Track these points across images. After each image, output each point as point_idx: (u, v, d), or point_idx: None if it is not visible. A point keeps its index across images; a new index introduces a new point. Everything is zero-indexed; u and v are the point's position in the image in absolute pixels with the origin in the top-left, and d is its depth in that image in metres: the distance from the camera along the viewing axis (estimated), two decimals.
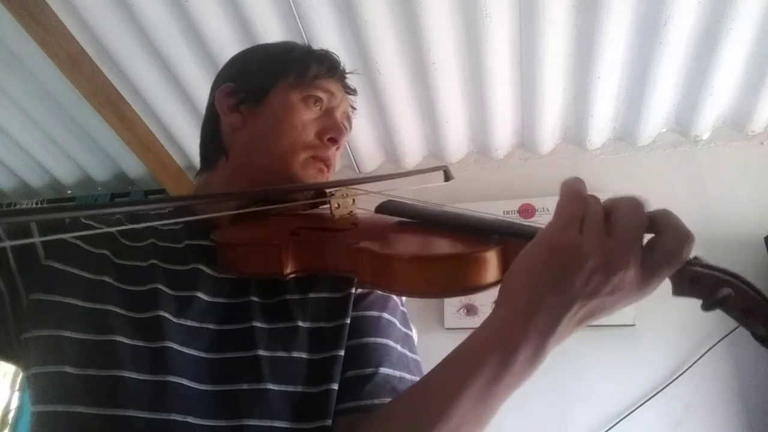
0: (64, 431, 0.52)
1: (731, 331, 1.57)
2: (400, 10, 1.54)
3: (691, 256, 0.43)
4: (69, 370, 0.53)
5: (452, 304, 1.89)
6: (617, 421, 1.62)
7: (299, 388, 0.58)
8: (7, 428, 2.12)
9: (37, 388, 0.55)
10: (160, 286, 0.61)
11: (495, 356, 0.45)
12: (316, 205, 0.71)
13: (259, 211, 0.71)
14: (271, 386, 0.57)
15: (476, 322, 1.74)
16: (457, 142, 2.07)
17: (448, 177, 0.76)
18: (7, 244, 0.59)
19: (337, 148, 0.75)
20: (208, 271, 0.65)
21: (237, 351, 0.59)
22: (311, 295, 0.66)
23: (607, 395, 1.63)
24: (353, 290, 0.68)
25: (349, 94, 0.81)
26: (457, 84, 1.80)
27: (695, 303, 0.44)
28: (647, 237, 0.43)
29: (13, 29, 1.64)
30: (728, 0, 1.43)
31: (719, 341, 1.60)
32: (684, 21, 1.50)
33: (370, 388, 0.60)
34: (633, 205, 0.43)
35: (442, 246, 0.53)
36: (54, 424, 0.53)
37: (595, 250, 0.41)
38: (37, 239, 0.61)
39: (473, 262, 0.49)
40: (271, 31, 1.61)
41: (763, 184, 1.81)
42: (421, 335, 1.92)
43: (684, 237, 0.42)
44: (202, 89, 1.84)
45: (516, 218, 1.95)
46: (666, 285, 0.45)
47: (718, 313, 0.44)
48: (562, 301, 0.42)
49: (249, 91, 0.74)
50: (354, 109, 0.82)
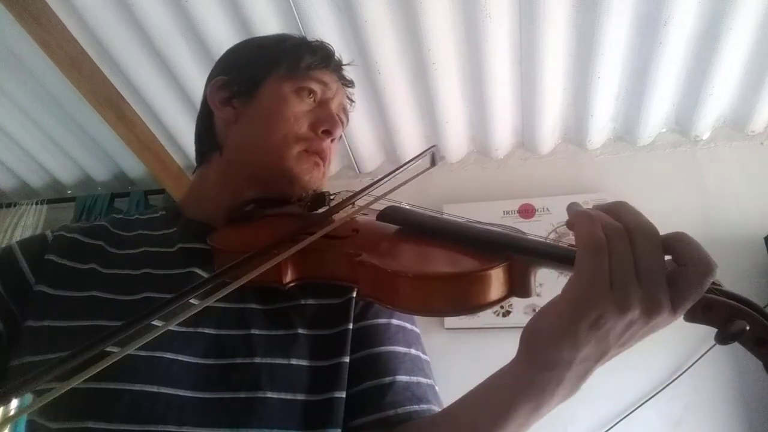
0: None
1: None
2: (400, 10, 1.54)
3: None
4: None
5: None
6: (617, 421, 1.62)
7: (300, 396, 0.57)
8: (7, 428, 2.12)
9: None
10: (152, 295, 0.60)
11: (530, 403, 0.46)
12: (314, 208, 0.68)
13: (255, 213, 0.70)
14: (269, 394, 0.56)
15: (476, 322, 1.74)
16: (457, 142, 2.07)
17: (434, 161, 0.71)
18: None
19: (332, 140, 0.73)
20: (205, 274, 0.64)
21: (235, 357, 0.58)
22: (311, 302, 0.65)
23: (607, 395, 1.63)
24: (354, 295, 0.67)
25: (346, 86, 0.78)
26: (457, 84, 1.80)
27: None
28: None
29: (13, 29, 1.63)
30: (728, 0, 1.43)
31: None
32: (684, 21, 1.50)
33: (391, 398, 0.60)
34: (654, 242, 0.40)
35: (448, 262, 0.50)
36: None
37: (633, 304, 0.39)
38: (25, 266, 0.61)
39: (479, 281, 0.46)
40: (271, 31, 1.58)
41: (763, 184, 1.81)
42: (422, 335, 1.92)
43: (707, 270, 0.40)
44: (201, 89, 1.83)
45: (516, 218, 1.95)
46: None
47: None
48: (597, 356, 0.42)
49: (241, 84, 0.72)
50: (352, 101, 0.80)
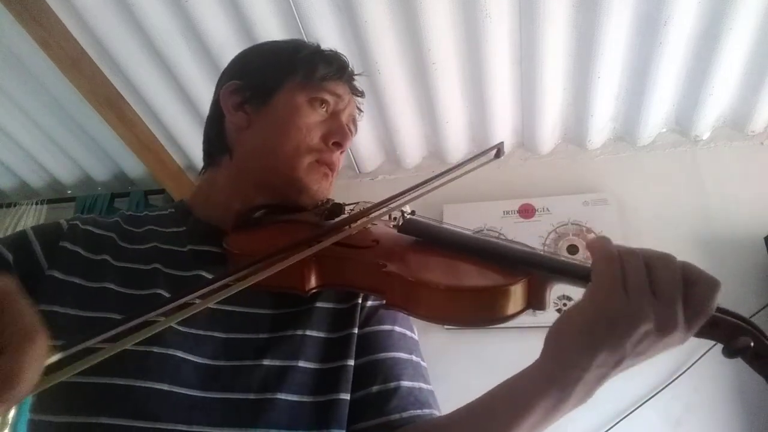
0: None
1: None
2: (400, 10, 1.54)
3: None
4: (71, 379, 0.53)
5: None
6: (617, 421, 1.62)
7: (306, 398, 0.58)
8: (7, 428, 2.12)
9: (35, 397, 0.54)
10: (162, 292, 0.60)
11: (547, 403, 0.49)
12: (331, 217, 0.68)
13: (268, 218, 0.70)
14: (278, 396, 0.57)
15: None
16: (457, 142, 2.07)
17: (499, 154, 0.75)
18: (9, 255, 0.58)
19: (342, 152, 0.75)
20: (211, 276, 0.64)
21: (244, 360, 0.59)
22: (318, 305, 0.66)
23: (607, 395, 1.63)
24: (359, 300, 0.68)
25: (357, 96, 0.79)
26: (457, 84, 1.80)
27: None
28: None
29: (13, 29, 1.63)
30: (728, 0, 1.43)
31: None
32: (684, 21, 1.50)
33: (396, 403, 0.61)
34: (671, 263, 0.44)
35: (475, 276, 0.53)
36: None
37: (648, 315, 0.42)
38: (38, 249, 0.61)
39: (505, 295, 0.49)
40: (271, 31, 1.60)
41: (763, 184, 1.81)
42: (422, 335, 1.91)
43: (714, 287, 0.43)
44: (202, 89, 1.84)
45: (516, 218, 1.95)
46: None
47: None
48: (614, 362, 0.45)
49: (254, 90, 0.72)
50: (360, 111, 0.81)
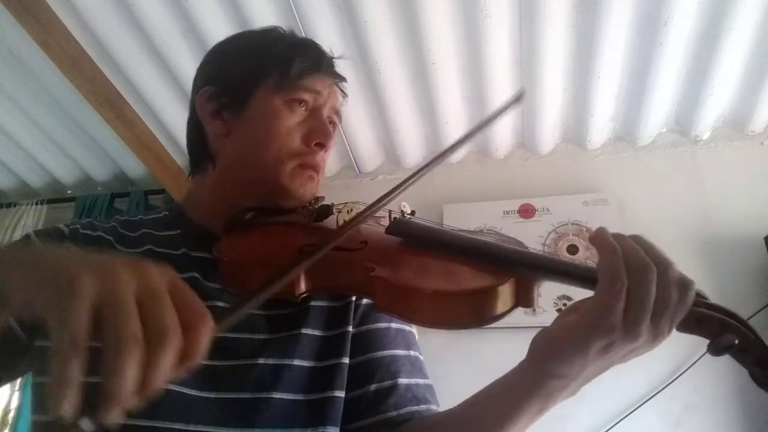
0: None
1: None
2: (400, 10, 1.54)
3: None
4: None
5: None
6: (617, 421, 1.62)
7: (301, 396, 0.58)
8: (7, 428, 2.12)
9: (37, 397, 0.55)
10: None
11: (536, 404, 0.49)
12: (320, 219, 0.67)
13: (257, 220, 0.70)
14: (273, 395, 0.57)
15: None
16: None
17: (519, 98, 0.72)
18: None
19: (326, 151, 0.72)
20: (206, 282, 0.64)
21: (239, 359, 0.59)
22: (312, 304, 0.66)
23: (607, 395, 1.63)
24: (353, 298, 0.68)
25: (338, 81, 0.75)
26: (457, 84, 1.80)
27: None
28: None
29: (13, 29, 1.63)
30: (728, 0, 1.43)
31: None
32: (684, 21, 1.50)
33: (394, 400, 0.61)
34: (677, 281, 0.43)
35: (461, 279, 0.52)
36: None
37: (641, 335, 0.42)
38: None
39: (492, 297, 0.49)
40: None
41: (763, 184, 1.81)
42: (422, 335, 1.91)
43: (690, 285, 0.43)
44: None
45: (516, 218, 1.94)
46: None
47: None
48: (600, 369, 0.46)
49: (230, 96, 0.70)
50: (345, 94, 0.78)
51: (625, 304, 0.41)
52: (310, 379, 0.60)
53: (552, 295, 1.71)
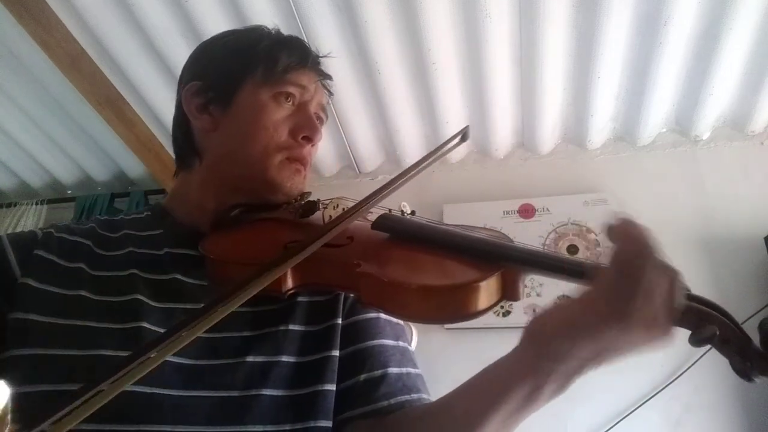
0: None
1: None
2: (400, 10, 1.54)
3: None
4: (46, 388, 0.51)
5: None
6: (617, 421, 1.62)
7: (290, 392, 0.58)
8: (7, 428, 2.12)
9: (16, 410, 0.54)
10: (142, 297, 0.60)
11: (524, 389, 0.48)
12: (306, 215, 0.67)
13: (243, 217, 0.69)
14: (262, 392, 0.57)
15: (476, 322, 1.72)
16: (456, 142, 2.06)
17: (464, 137, 0.72)
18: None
19: (312, 145, 0.72)
20: (189, 280, 0.64)
21: (226, 358, 0.58)
22: (299, 299, 0.66)
23: (607, 395, 1.63)
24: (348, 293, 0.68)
25: (324, 79, 0.75)
26: (457, 84, 1.80)
27: None
28: None
29: (13, 29, 1.64)
30: (728, 0, 1.43)
31: None
32: (684, 21, 1.50)
33: (384, 390, 0.61)
34: (659, 268, 0.42)
35: (447, 273, 0.52)
36: None
37: (643, 322, 0.41)
38: (11, 255, 0.59)
39: (477, 290, 0.49)
40: None
41: (763, 184, 1.81)
42: (422, 335, 1.92)
43: (677, 277, 0.42)
44: None
45: (516, 218, 1.95)
46: None
47: None
48: (592, 356, 0.44)
49: (216, 90, 0.70)
50: (331, 93, 0.78)
51: (630, 294, 0.41)
52: (297, 375, 0.60)
53: (552, 294, 1.72)
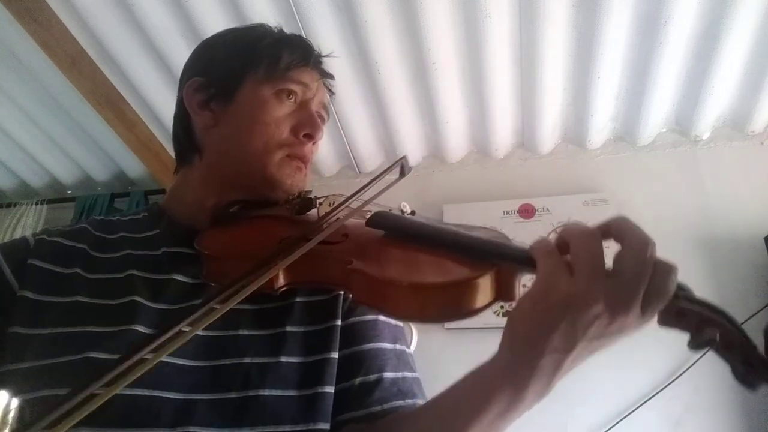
0: None
1: None
2: (400, 10, 1.54)
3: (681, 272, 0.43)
4: (46, 393, 0.51)
5: None
6: (617, 421, 1.62)
7: (290, 393, 0.58)
8: (7, 428, 2.13)
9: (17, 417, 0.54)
10: (139, 299, 0.60)
11: (505, 394, 0.46)
12: (302, 212, 0.67)
13: (241, 213, 0.69)
14: (261, 393, 0.56)
15: (476, 322, 1.72)
16: (457, 142, 2.07)
17: (403, 172, 0.71)
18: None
19: (314, 143, 0.72)
20: (186, 279, 0.64)
21: (225, 358, 0.58)
22: (298, 300, 0.65)
23: (607, 395, 1.63)
24: (342, 292, 0.67)
25: (326, 78, 0.76)
26: (457, 84, 1.80)
27: None
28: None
29: (13, 29, 1.64)
30: (728, 0, 1.43)
31: None
32: (684, 21, 1.50)
33: (378, 395, 0.60)
34: (636, 244, 0.42)
35: (440, 271, 0.51)
36: None
37: (596, 297, 0.41)
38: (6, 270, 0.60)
39: (470, 289, 0.48)
40: None
41: (763, 184, 1.81)
42: (421, 335, 1.92)
43: (670, 271, 0.41)
44: None
45: (516, 218, 1.95)
46: None
47: None
48: (566, 347, 0.43)
49: (218, 87, 0.70)
50: (332, 93, 0.78)
51: (566, 264, 0.42)
52: (299, 375, 0.59)
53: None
